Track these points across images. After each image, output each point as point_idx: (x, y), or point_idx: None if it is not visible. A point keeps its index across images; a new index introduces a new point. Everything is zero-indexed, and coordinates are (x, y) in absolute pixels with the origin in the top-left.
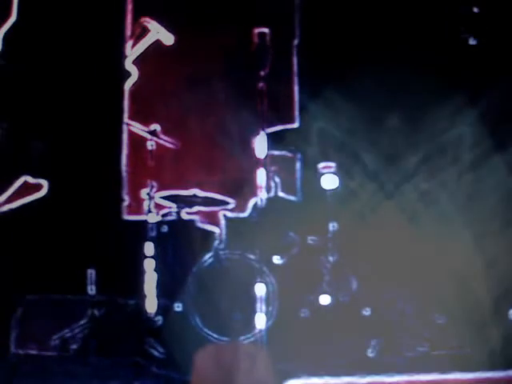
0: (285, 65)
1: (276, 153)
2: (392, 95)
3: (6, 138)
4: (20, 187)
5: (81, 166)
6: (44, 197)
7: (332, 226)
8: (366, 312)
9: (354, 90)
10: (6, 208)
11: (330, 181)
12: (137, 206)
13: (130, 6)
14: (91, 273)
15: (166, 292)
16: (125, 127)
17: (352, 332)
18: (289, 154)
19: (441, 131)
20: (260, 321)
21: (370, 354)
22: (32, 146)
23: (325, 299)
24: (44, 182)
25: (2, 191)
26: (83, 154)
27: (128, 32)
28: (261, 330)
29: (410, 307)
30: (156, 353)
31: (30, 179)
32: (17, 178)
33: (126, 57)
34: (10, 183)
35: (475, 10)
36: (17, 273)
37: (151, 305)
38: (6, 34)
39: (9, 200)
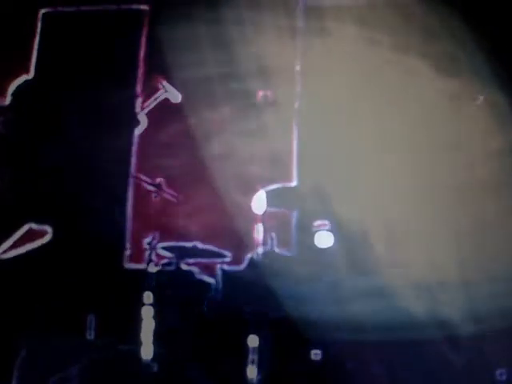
0: (284, 124)
1: (273, 209)
2: None
3: (12, 185)
4: (25, 234)
5: (85, 214)
6: (48, 243)
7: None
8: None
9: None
10: (11, 254)
11: (324, 238)
12: (138, 255)
13: (142, 64)
14: (91, 318)
15: (162, 340)
16: (131, 179)
17: None
18: (285, 211)
19: None
20: (251, 372)
21: None
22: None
23: (316, 354)
24: (48, 229)
25: (7, 237)
26: (88, 202)
27: (139, 88)
28: (252, 381)
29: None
30: None
31: (35, 226)
32: (21, 224)
33: (136, 112)
34: (15, 230)
35: None
36: (19, 316)
37: (147, 351)
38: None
39: (14, 246)
